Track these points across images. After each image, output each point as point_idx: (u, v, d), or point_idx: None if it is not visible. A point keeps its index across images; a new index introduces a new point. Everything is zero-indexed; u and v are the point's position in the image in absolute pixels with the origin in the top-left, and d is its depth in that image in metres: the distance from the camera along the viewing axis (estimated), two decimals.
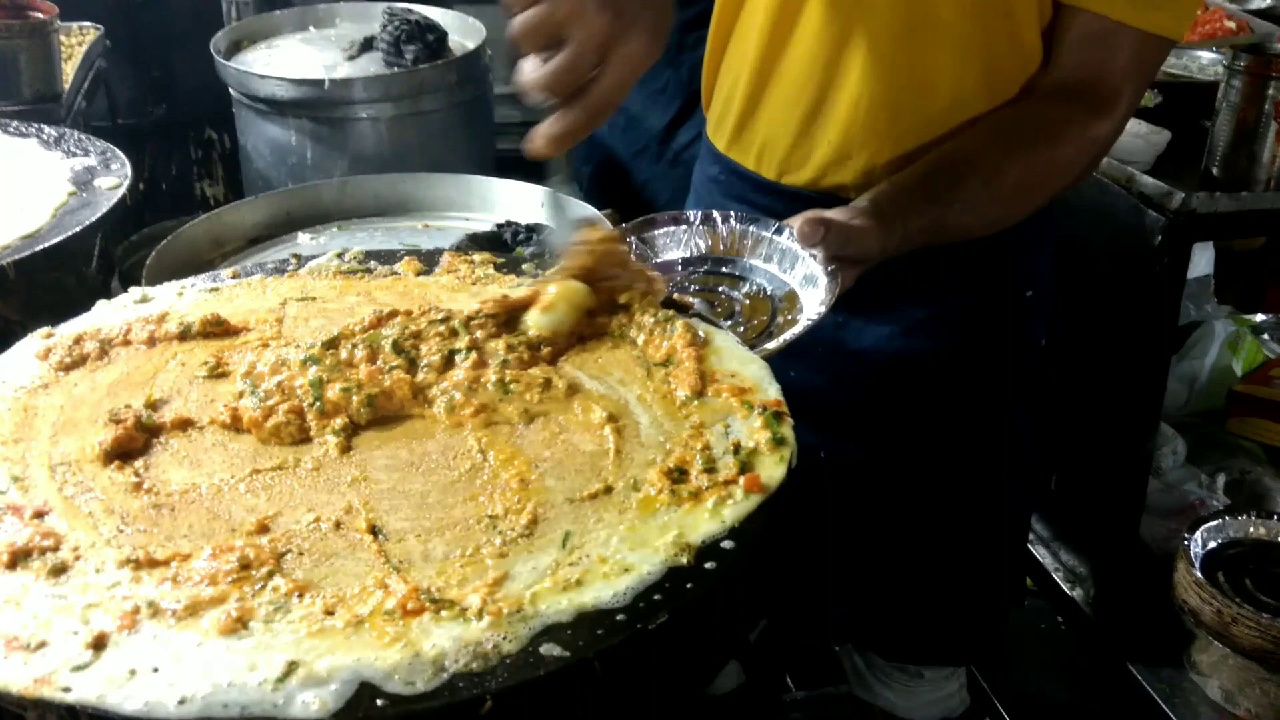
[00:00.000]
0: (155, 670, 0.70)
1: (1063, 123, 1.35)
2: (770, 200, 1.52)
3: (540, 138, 1.01)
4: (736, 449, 0.89)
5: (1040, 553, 2.22)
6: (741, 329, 1.15)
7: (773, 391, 0.97)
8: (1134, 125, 1.91)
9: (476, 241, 1.47)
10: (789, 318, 1.14)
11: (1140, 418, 1.93)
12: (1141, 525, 2.01)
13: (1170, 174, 1.89)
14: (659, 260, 1.27)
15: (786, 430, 0.92)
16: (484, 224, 1.68)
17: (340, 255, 1.22)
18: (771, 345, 1.09)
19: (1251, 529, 1.85)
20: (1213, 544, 1.83)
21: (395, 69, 2.39)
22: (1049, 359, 1.65)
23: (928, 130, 1.40)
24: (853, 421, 1.54)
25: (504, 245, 1.50)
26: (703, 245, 1.25)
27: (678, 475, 0.87)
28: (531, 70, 0.99)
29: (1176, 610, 1.84)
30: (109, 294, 1.98)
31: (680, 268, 1.26)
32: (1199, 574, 1.77)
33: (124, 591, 0.76)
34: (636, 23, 1.00)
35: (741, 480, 0.86)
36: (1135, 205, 1.84)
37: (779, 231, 1.22)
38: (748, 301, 1.18)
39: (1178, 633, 1.88)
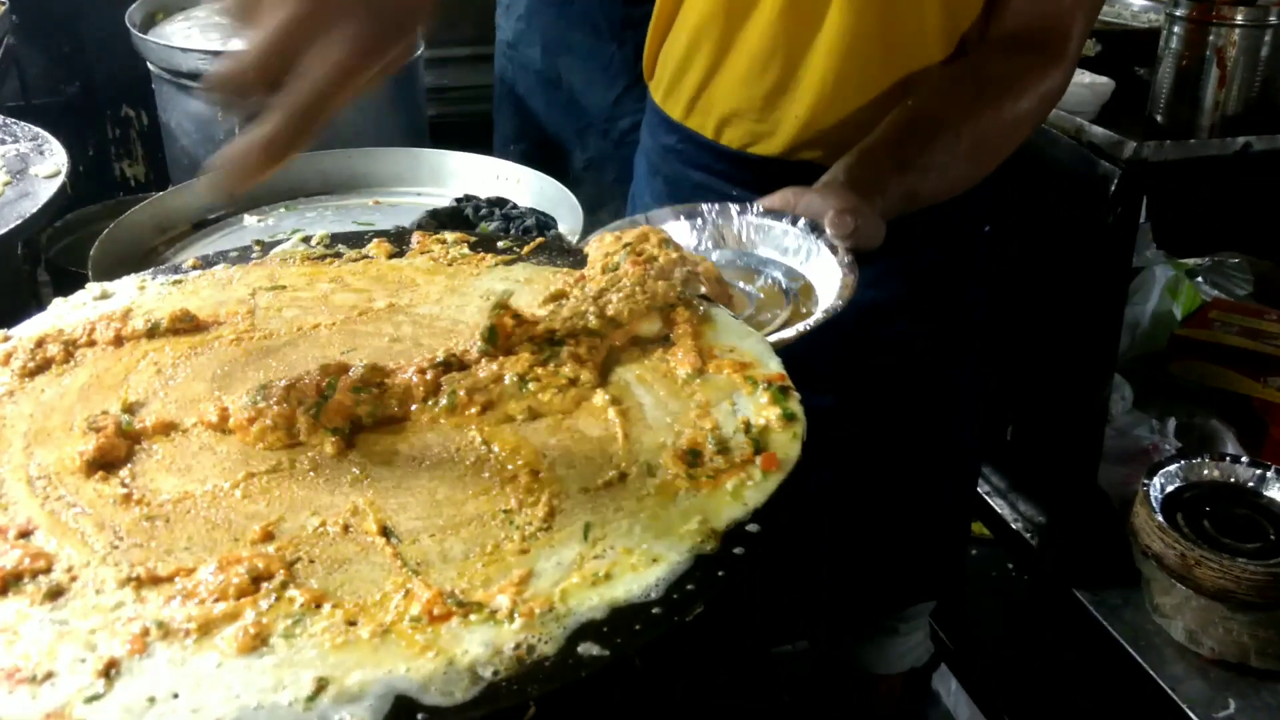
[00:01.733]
0: (175, 696, 0.66)
1: (1019, 75, 1.35)
2: (736, 170, 1.50)
3: (228, 161, 0.75)
4: (747, 427, 0.87)
5: (996, 502, 2.25)
6: (757, 321, 1.11)
7: (774, 365, 0.95)
8: (1078, 75, 1.91)
9: (438, 218, 1.43)
10: (804, 311, 1.11)
11: (1095, 366, 1.96)
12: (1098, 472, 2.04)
13: (1115, 123, 1.91)
14: None
15: (795, 405, 0.90)
16: (436, 199, 1.63)
17: (306, 240, 1.17)
18: (789, 334, 1.06)
19: (1206, 471, 1.89)
20: (1170, 488, 1.87)
21: None
22: (999, 306, 1.66)
23: (894, 93, 1.39)
24: (829, 375, 1.53)
25: (466, 221, 1.46)
26: (714, 238, 1.21)
27: (692, 458, 0.85)
28: (219, 66, 0.75)
29: (1137, 554, 1.87)
30: (36, 283, 1.91)
31: None
32: (1160, 518, 1.81)
33: (129, 613, 0.71)
34: (347, 14, 0.74)
35: (759, 460, 0.84)
36: (1085, 155, 1.85)
37: (794, 222, 1.19)
38: (762, 296, 1.15)
39: (1137, 576, 1.92)
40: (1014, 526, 2.19)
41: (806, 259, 1.17)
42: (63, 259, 2.08)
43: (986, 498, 2.26)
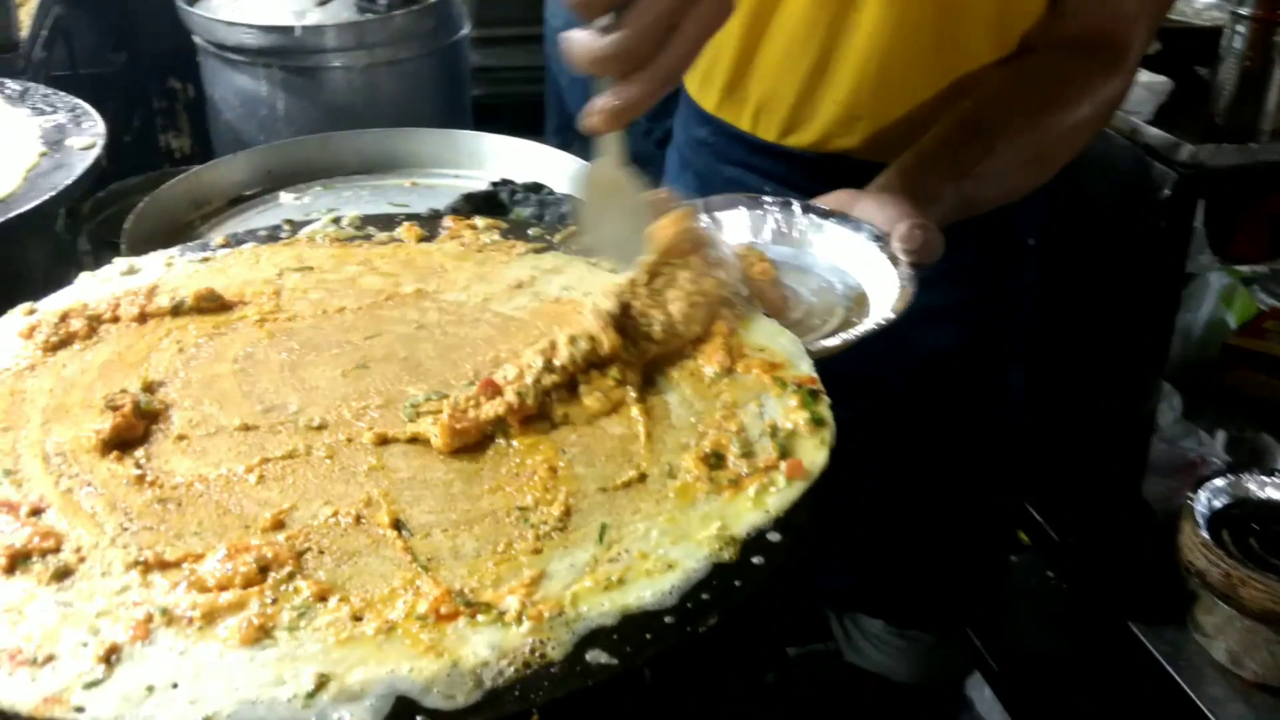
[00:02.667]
0: (175, 686, 0.65)
1: (1079, 80, 1.30)
2: (771, 163, 1.46)
3: (600, 112, 0.89)
4: (774, 431, 0.85)
5: (1037, 509, 2.21)
6: (805, 327, 1.08)
7: (805, 367, 0.93)
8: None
9: (472, 202, 1.41)
10: (855, 321, 1.06)
11: (1143, 374, 1.91)
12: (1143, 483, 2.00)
13: (1173, 124, 1.85)
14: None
15: (824, 410, 0.87)
16: (474, 181, 1.62)
17: (336, 221, 1.16)
18: (834, 342, 1.01)
19: (1255, 488, 1.84)
20: (1217, 504, 1.82)
21: (369, 15, 2.30)
22: (1047, 312, 1.62)
23: (938, 86, 1.35)
24: (870, 379, 1.49)
25: (501, 206, 1.44)
26: (775, 233, 1.17)
27: (714, 461, 0.82)
28: (590, 41, 0.86)
29: (1182, 571, 1.82)
30: (77, 254, 1.91)
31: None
32: (1205, 535, 1.76)
33: (134, 597, 0.70)
34: None
35: (783, 466, 0.81)
36: (1140, 157, 1.80)
37: (855, 228, 1.15)
38: (815, 300, 1.11)
39: (1180, 593, 1.87)
40: (1054, 535, 2.15)
41: (864, 266, 1.12)
42: (104, 230, 2.09)
43: (1027, 504, 2.21)
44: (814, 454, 0.83)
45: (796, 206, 1.17)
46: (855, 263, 1.12)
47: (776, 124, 1.44)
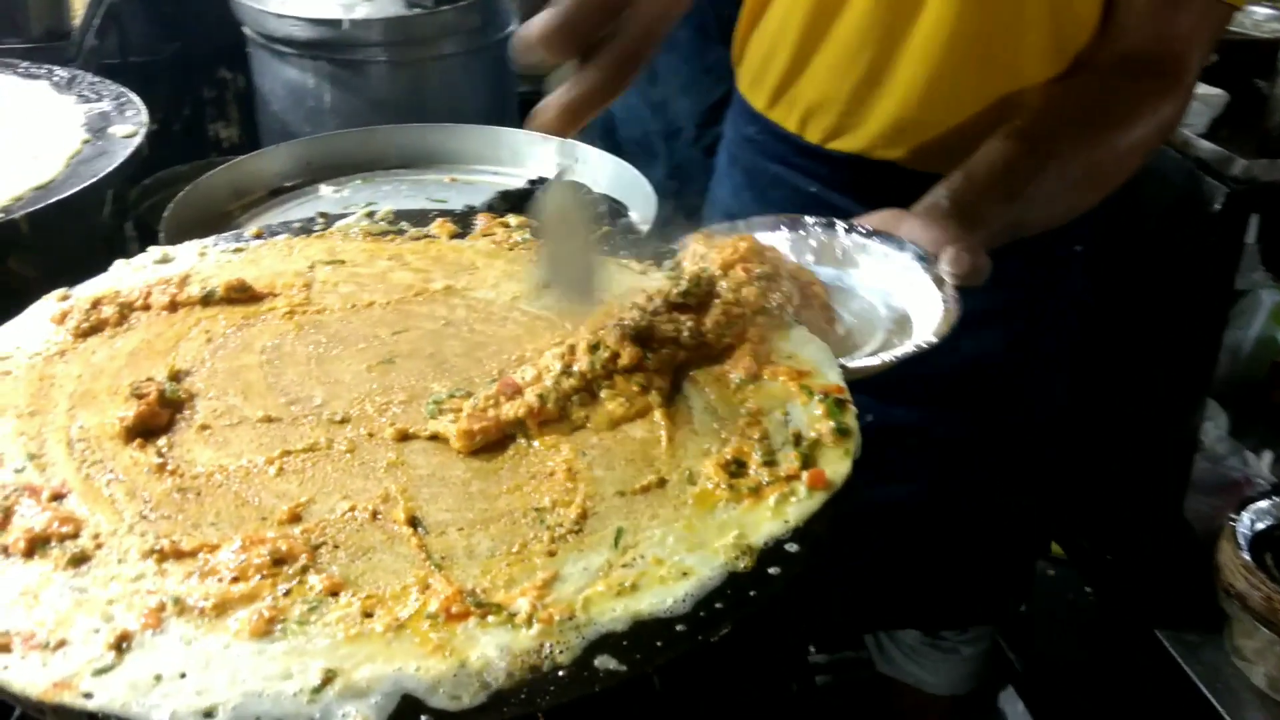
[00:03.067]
0: (182, 676, 0.65)
1: (1134, 101, 1.26)
2: (816, 166, 1.45)
3: (551, 109, 0.81)
4: (797, 440, 0.84)
5: (1076, 522, 2.17)
6: (846, 347, 1.06)
7: (833, 375, 0.91)
8: None
9: (509, 200, 1.41)
10: (896, 343, 1.05)
11: (1188, 390, 1.87)
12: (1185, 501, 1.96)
13: (1227, 138, 1.81)
14: None
15: (850, 419, 0.86)
16: (514, 179, 1.62)
17: (370, 215, 1.16)
18: (873, 362, 1.00)
19: None
20: (1261, 525, 1.78)
21: (417, 10, 2.30)
22: (1092, 322, 1.59)
23: (988, 101, 1.33)
24: (906, 387, 1.46)
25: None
26: (816, 253, 1.16)
27: (736, 468, 0.81)
28: (538, 21, 0.79)
29: (1220, 593, 1.79)
30: (123, 240, 1.93)
31: None
32: (1247, 557, 1.72)
33: (148, 585, 0.71)
34: None
35: (805, 476, 0.80)
36: (1190, 171, 1.76)
37: (900, 247, 1.12)
38: (855, 321, 1.09)
39: (1218, 614, 1.83)
40: (1092, 550, 2.11)
41: (908, 287, 1.10)
42: (149, 217, 2.11)
43: (1065, 516, 2.18)
44: (837, 464, 0.82)
45: (840, 226, 1.16)
46: (899, 284, 1.11)
47: (824, 128, 1.43)
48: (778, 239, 1.17)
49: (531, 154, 1.66)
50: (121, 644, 0.66)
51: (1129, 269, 1.91)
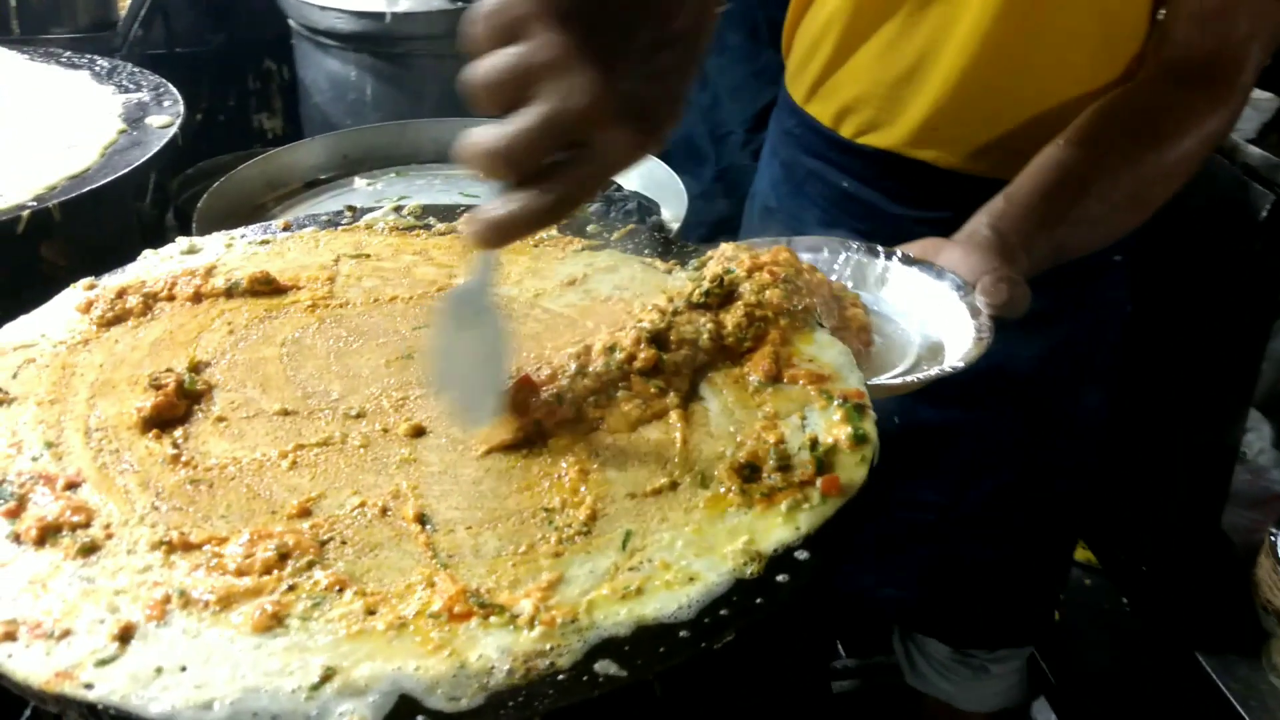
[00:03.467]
0: (183, 669, 0.65)
1: (1183, 112, 1.22)
2: (848, 161, 1.44)
3: (480, 221, 0.73)
4: (814, 445, 0.82)
5: (1111, 532, 2.13)
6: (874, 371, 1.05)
7: (854, 380, 0.90)
8: None
9: None
10: (925, 368, 1.04)
11: (1229, 400, 1.83)
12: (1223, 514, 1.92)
13: (1276, 144, 1.77)
14: None
15: (869, 426, 0.85)
16: None
17: (398, 209, 1.16)
18: (896, 383, 1.00)
19: None
20: None
21: (460, 4, 2.31)
22: (1134, 330, 1.55)
23: (1028, 107, 1.30)
24: (937, 391, 1.44)
25: None
26: (855, 276, 1.15)
27: (749, 472, 0.80)
28: (482, 135, 0.70)
29: (1258, 609, 1.75)
30: (163, 230, 1.96)
31: None
32: None
33: (155, 577, 0.71)
34: (636, 96, 0.69)
35: (819, 482, 0.79)
36: (1236, 177, 1.72)
37: (938, 275, 1.11)
38: (887, 344, 1.08)
39: (1256, 630, 1.79)
40: (1127, 560, 2.07)
41: (944, 317, 1.09)
42: (190, 207, 2.13)
43: (1101, 526, 2.14)
44: (853, 471, 0.81)
45: (881, 252, 1.15)
46: (936, 312, 1.10)
47: (858, 124, 1.42)
48: (819, 259, 1.16)
49: None
50: (125, 635, 0.67)
51: (1171, 276, 1.87)
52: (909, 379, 1.03)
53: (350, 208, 1.16)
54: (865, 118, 1.41)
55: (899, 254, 1.15)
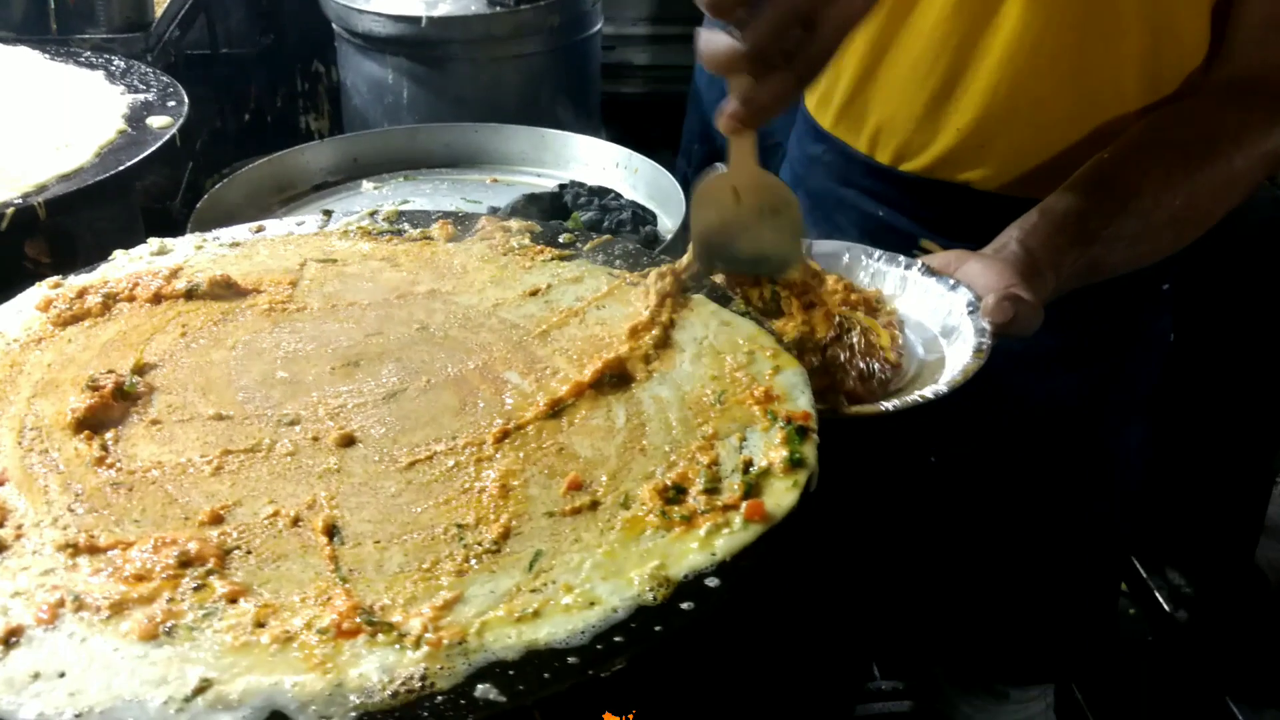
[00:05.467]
0: (61, 675, 0.64)
1: (1238, 131, 1.14)
2: (886, 188, 1.36)
3: (740, 108, 0.87)
4: (746, 468, 0.80)
5: (1142, 567, 2.06)
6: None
7: (803, 402, 0.87)
8: None
9: (536, 203, 1.39)
10: (916, 388, 0.99)
11: (1264, 430, 1.75)
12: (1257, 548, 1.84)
13: None
14: None
15: (808, 450, 0.81)
16: (553, 181, 1.60)
17: (373, 214, 1.15)
18: (868, 409, 0.96)
19: None
20: None
21: (497, 8, 2.31)
22: (1173, 359, 1.47)
23: (1076, 125, 1.22)
24: (970, 423, 1.36)
25: (564, 208, 1.41)
26: (870, 284, 1.13)
27: (673, 494, 0.78)
28: (722, 39, 0.84)
29: None
30: (185, 228, 1.98)
31: None
32: None
33: (55, 580, 0.71)
34: None
35: (743, 507, 0.76)
36: (1276, 198, 1.65)
37: (953, 287, 1.07)
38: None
39: None
40: (1157, 595, 2.00)
41: (952, 332, 1.05)
42: None
43: (1134, 561, 2.07)
44: (781, 496, 0.78)
45: (902, 260, 1.12)
46: (945, 327, 1.06)
47: (894, 147, 1.33)
48: (839, 266, 1.13)
49: (575, 157, 1.64)
50: (11, 638, 0.66)
51: (1210, 303, 1.80)
52: (885, 405, 0.98)
53: (326, 211, 1.15)
54: (902, 140, 1.32)
55: (920, 264, 1.11)
